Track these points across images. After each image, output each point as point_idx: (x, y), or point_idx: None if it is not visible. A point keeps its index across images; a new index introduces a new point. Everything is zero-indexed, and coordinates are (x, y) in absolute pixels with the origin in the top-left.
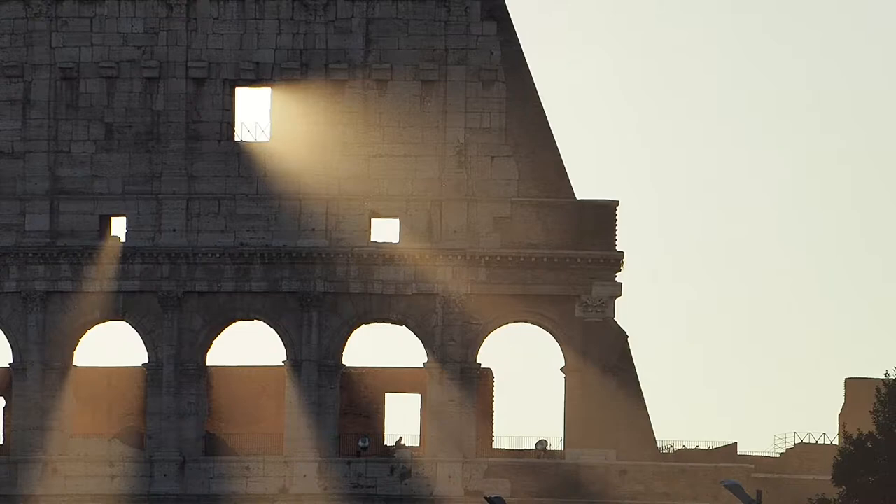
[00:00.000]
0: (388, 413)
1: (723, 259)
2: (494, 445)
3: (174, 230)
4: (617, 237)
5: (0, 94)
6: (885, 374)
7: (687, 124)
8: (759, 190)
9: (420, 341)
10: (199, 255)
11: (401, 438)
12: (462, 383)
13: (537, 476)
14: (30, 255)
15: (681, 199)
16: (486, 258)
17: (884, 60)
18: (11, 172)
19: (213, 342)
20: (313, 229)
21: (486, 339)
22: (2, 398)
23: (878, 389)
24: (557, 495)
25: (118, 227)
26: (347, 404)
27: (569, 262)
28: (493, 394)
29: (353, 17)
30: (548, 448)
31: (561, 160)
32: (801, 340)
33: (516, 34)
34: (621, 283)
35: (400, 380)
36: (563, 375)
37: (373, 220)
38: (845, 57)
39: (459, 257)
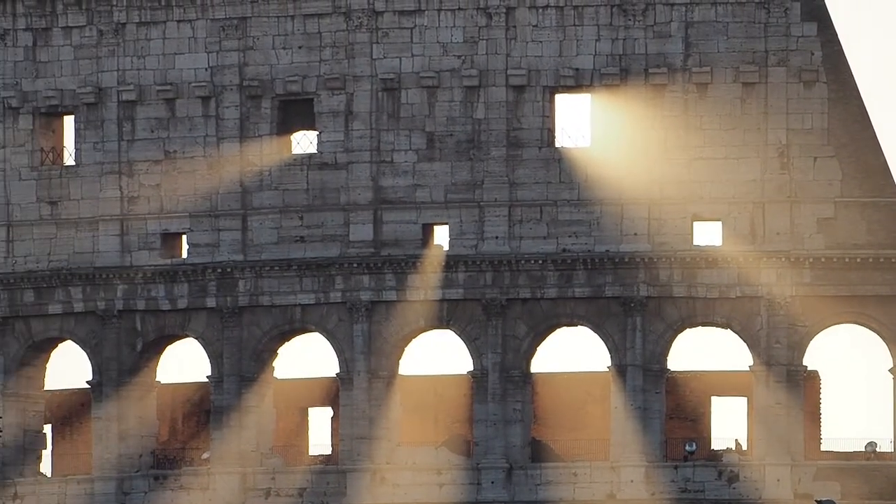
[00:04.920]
0: (713, 416)
1: None
2: (823, 448)
3: (497, 237)
4: None
5: (323, 106)
6: None
7: None
8: None
9: (745, 344)
10: (522, 261)
11: (737, 442)
12: (789, 386)
13: (867, 478)
14: (354, 265)
15: None
16: (811, 260)
17: None
18: (335, 183)
19: (537, 349)
20: (635, 234)
21: (811, 341)
22: (329, 408)
23: None
24: (888, 497)
25: (441, 235)
26: (673, 408)
27: (895, 262)
28: (821, 396)
29: (671, 21)
30: (877, 450)
31: (885, 160)
32: None
33: (837, 34)
34: None
35: (725, 383)
36: (892, 376)
37: (695, 224)
38: None
39: (783, 259)
